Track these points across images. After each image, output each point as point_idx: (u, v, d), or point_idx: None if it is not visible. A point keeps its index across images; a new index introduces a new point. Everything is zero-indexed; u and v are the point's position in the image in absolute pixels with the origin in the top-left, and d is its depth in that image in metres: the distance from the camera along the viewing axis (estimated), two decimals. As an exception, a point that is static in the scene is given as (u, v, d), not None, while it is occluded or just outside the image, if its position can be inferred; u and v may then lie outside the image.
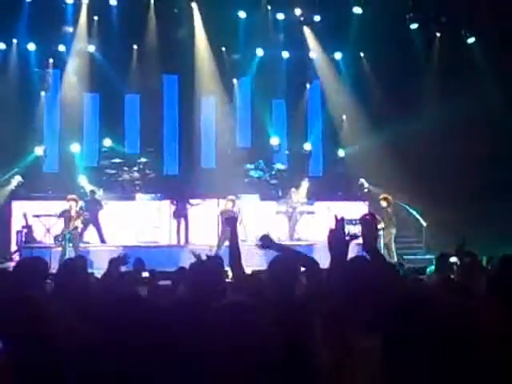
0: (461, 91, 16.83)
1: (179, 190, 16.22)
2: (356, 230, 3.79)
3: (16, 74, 18.27)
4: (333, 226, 3.36)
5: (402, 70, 18.11)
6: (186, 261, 4.27)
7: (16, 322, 2.63)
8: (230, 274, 5.98)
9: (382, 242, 13.95)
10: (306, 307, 3.43)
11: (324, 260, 3.97)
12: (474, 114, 16.79)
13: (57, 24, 18.50)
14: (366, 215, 3.55)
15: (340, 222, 3.36)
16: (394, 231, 14.77)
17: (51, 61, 18.63)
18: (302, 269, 4.13)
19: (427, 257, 15.12)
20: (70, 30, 18.67)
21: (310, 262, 3.80)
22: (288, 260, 3.97)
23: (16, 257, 13.92)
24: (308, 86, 19.78)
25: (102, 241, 15.31)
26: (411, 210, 17.26)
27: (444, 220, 15.74)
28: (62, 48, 18.64)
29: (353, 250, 3.77)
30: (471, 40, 18.93)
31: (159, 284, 7.52)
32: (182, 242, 15.47)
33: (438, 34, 19.37)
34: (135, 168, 17.49)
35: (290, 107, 19.56)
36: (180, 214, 15.72)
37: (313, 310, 3.30)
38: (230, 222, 4.54)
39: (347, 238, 3.32)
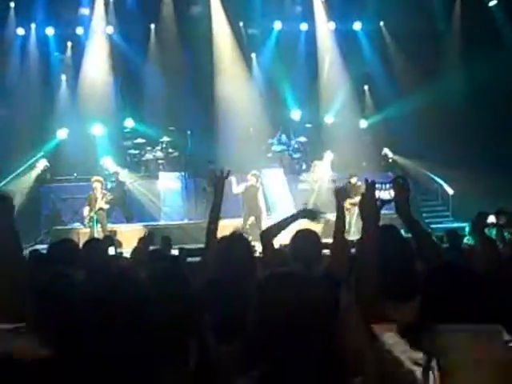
0: (483, 56, 16.53)
1: (203, 167, 16.16)
2: (387, 194, 3.59)
3: (36, 58, 18.33)
4: (364, 192, 3.19)
5: (422, 36, 17.82)
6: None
7: (53, 298, 2.69)
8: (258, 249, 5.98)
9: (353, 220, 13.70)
10: (329, 279, 3.40)
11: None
12: (499, 80, 16.55)
13: (73, 7, 18.46)
14: (397, 178, 3.47)
15: (371, 187, 3.18)
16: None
17: (70, 44, 18.64)
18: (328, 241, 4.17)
19: (454, 225, 15.00)
20: (87, 12, 18.68)
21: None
22: (311, 233, 3.97)
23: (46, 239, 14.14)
24: (327, 57, 19.51)
25: (129, 221, 15.42)
26: (436, 179, 17.34)
27: (471, 188, 15.68)
28: (79, 31, 18.64)
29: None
30: (493, 3, 18.55)
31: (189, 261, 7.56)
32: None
33: (459, -2, 19.10)
34: (158, 147, 17.38)
35: (310, 80, 19.27)
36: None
37: (337, 282, 3.28)
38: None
39: (379, 203, 3.14)
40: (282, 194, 16.54)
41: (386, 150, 17.83)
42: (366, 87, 19.66)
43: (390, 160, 17.87)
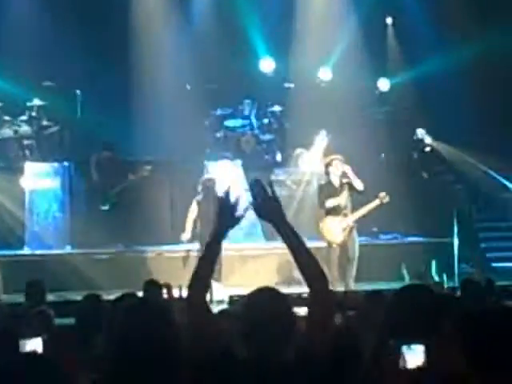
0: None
1: (106, 154, 16.60)
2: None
3: None
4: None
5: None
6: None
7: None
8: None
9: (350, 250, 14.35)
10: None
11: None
12: None
13: None
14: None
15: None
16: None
17: None
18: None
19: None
20: None
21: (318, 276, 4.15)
22: (274, 296, 4.18)
23: None
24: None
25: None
26: (507, 183, 17.98)
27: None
28: None
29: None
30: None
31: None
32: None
33: None
34: (23, 117, 17.35)
35: (294, 9, 19.23)
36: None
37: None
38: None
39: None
40: (239, 204, 16.34)
41: (420, 132, 18.07)
42: (388, 20, 19.89)
43: (428, 149, 18.19)
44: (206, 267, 4.28)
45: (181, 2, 19.59)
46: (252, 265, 15.36)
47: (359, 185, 14.38)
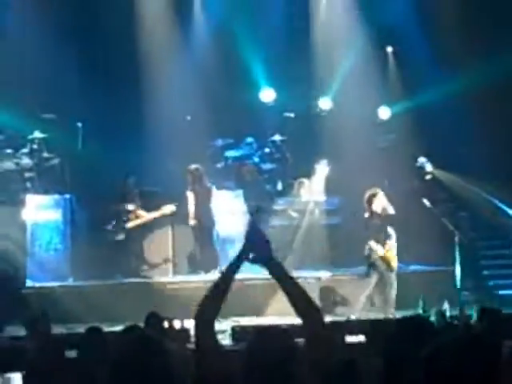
0: None
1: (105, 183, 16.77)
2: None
3: None
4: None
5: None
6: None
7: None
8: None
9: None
10: None
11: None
12: None
13: None
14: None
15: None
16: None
17: None
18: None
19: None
20: None
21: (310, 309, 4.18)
22: (279, 336, 4.08)
23: None
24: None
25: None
26: (509, 210, 17.84)
27: None
28: None
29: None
30: None
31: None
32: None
33: None
34: (24, 150, 17.37)
35: (294, 38, 19.44)
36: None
37: None
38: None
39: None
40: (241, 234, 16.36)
41: (422, 160, 18.20)
42: (389, 49, 19.98)
43: (429, 176, 18.26)
44: (219, 292, 4.23)
45: (182, 33, 19.84)
46: (253, 295, 15.32)
47: (392, 210, 14.71)
